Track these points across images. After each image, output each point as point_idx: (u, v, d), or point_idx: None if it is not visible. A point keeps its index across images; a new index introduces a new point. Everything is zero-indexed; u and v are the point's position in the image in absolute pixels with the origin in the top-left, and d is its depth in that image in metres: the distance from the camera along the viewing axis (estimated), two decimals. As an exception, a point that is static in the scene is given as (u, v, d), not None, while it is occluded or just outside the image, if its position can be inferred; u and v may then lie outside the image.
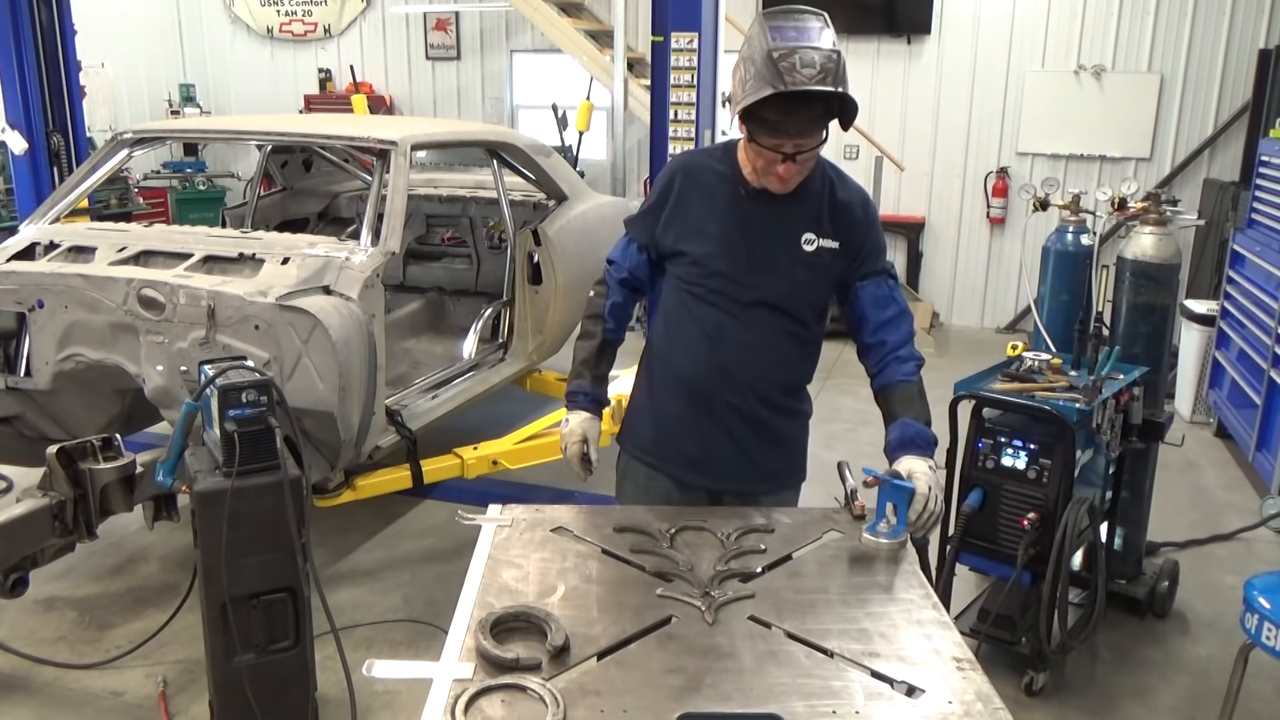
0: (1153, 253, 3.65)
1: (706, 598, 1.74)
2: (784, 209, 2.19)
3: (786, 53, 1.93)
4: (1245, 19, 7.38)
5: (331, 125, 4.85)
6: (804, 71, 1.92)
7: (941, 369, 7.01)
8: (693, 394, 2.27)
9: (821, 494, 2.19)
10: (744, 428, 2.27)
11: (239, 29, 10.12)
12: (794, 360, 2.32)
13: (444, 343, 5.25)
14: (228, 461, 2.64)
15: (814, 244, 2.21)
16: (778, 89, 1.92)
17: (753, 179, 2.18)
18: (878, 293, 2.26)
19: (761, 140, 2.05)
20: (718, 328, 2.22)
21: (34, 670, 3.29)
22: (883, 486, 1.97)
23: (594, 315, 2.40)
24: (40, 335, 3.51)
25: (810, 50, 1.94)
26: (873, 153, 7.78)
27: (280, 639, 2.79)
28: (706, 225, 2.22)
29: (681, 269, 2.27)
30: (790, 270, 2.20)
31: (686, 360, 2.27)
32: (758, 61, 1.96)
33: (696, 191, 2.25)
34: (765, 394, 2.27)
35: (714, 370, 2.23)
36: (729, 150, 2.26)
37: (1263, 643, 2.63)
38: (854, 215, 2.25)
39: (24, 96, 5.72)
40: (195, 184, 9.55)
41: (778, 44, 1.95)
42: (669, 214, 2.27)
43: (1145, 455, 3.75)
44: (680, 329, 2.28)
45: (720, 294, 2.21)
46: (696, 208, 2.24)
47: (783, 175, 2.09)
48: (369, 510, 4.24)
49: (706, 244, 2.22)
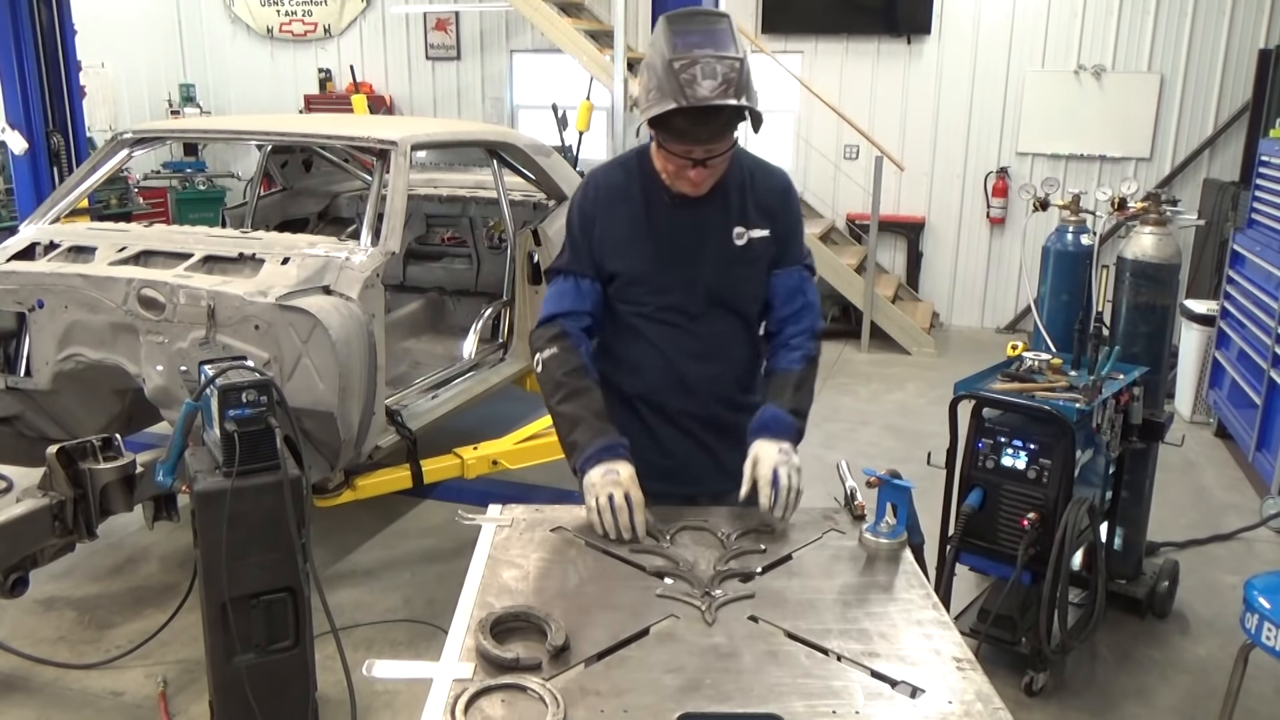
0: (1153, 253, 3.65)
1: (706, 598, 1.74)
2: (709, 208, 2.15)
3: (688, 63, 1.88)
4: (1245, 19, 7.38)
5: (331, 125, 4.85)
6: (705, 84, 1.88)
7: (941, 369, 7.03)
8: (653, 409, 2.23)
9: (821, 494, 2.19)
10: (708, 433, 2.26)
11: (239, 29, 10.12)
12: (747, 359, 2.30)
13: (444, 343, 5.26)
14: (228, 461, 2.64)
15: (744, 237, 2.17)
16: (680, 104, 1.88)
17: (668, 183, 2.12)
18: (788, 283, 2.24)
19: (671, 147, 2.01)
20: (668, 341, 2.19)
21: (34, 670, 3.30)
22: (883, 486, 1.97)
23: (576, 369, 2.14)
24: (40, 335, 3.51)
25: (712, 60, 1.89)
26: (873, 153, 7.78)
27: (280, 639, 2.79)
28: (637, 240, 2.16)
29: (619, 289, 2.20)
30: (728, 268, 2.17)
31: (640, 378, 2.23)
32: (659, 71, 1.91)
33: (619, 207, 2.18)
34: (724, 396, 2.25)
35: (671, 385, 2.21)
36: (642, 157, 2.18)
37: (1263, 643, 2.62)
38: (777, 199, 2.23)
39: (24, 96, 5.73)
40: (195, 184, 9.55)
41: (679, 53, 1.89)
42: (599, 235, 2.18)
43: (1145, 455, 3.75)
44: (627, 348, 2.23)
45: (665, 308, 2.18)
46: (623, 224, 2.17)
47: (694, 180, 2.06)
48: (369, 510, 4.24)
49: (641, 260, 2.16)
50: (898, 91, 8.29)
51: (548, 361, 2.16)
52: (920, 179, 8.35)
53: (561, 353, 2.15)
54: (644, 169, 2.17)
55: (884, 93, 8.32)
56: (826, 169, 8.56)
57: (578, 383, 2.13)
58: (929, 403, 6.25)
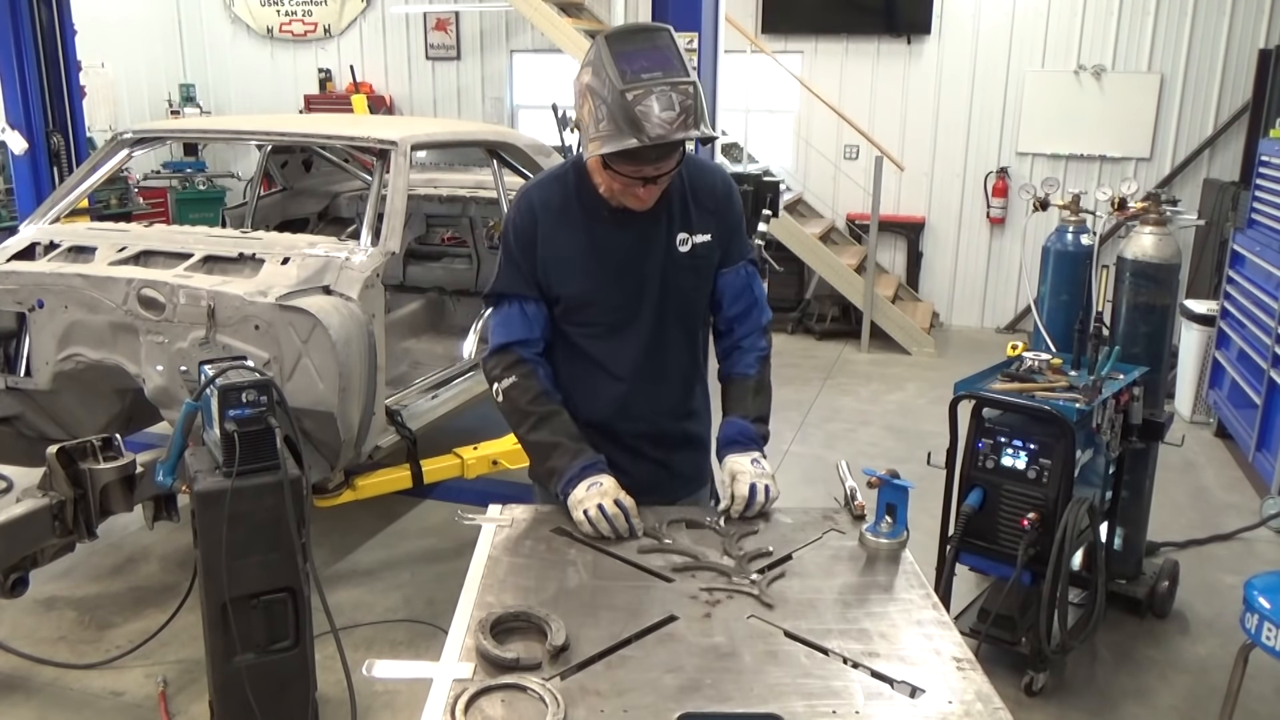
0: (1153, 253, 3.65)
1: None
2: (650, 218, 2.08)
3: (641, 94, 1.79)
4: (1245, 19, 7.38)
5: (331, 125, 4.85)
6: (663, 116, 1.80)
7: (941, 369, 7.03)
8: (604, 434, 2.16)
9: (821, 494, 2.19)
10: (659, 448, 2.23)
11: (239, 29, 10.12)
12: (694, 368, 2.26)
13: (444, 343, 5.26)
14: (228, 461, 2.64)
15: (688, 242, 2.11)
16: (641, 142, 1.81)
17: (609, 198, 2.04)
18: (736, 282, 2.21)
19: (621, 169, 1.92)
20: (617, 362, 2.14)
21: (34, 670, 3.30)
22: (883, 487, 1.97)
23: (539, 395, 2.10)
24: (40, 335, 3.51)
25: (666, 89, 1.81)
26: (873, 153, 7.78)
27: (280, 639, 2.80)
28: (583, 261, 2.08)
29: (566, 312, 2.13)
30: (675, 278, 2.11)
31: (592, 404, 2.17)
32: (609, 102, 1.81)
33: (560, 230, 2.09)
34: (671, 409, 2.23)
35: (622, 409, 2.16)
36: (579, 170, 2.08)
37: (1263, 643, 2.63)
38: (719, 201, 2.16)
39: (24, 96, 5.72)
40: (195, 184, 9.55)
41: (629, 82, 1.80)
42: (542, 256, 2.09)
43: (1145, 455, 3.75)
44: (575, 374, 2.17)
45: (614, 326, 2.12)
46: (566, 246, 2.08)
47: (642, 197, 1.99)
48: (369, 510, 4.24)
49: (589, 280, 2.09)
50: (898, 91, 8.29)
51: (508, 391, 2.12)
52: (920, 179, 8.36)
53: (522, 379, 2.11)
54: (581, 184, 2.08)
55: (884, 93, 8.32)
56: (826, 169, 8.55)
57: (544, 408, 2.10)
58: (929, 403, 6.25)
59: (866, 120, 8.20)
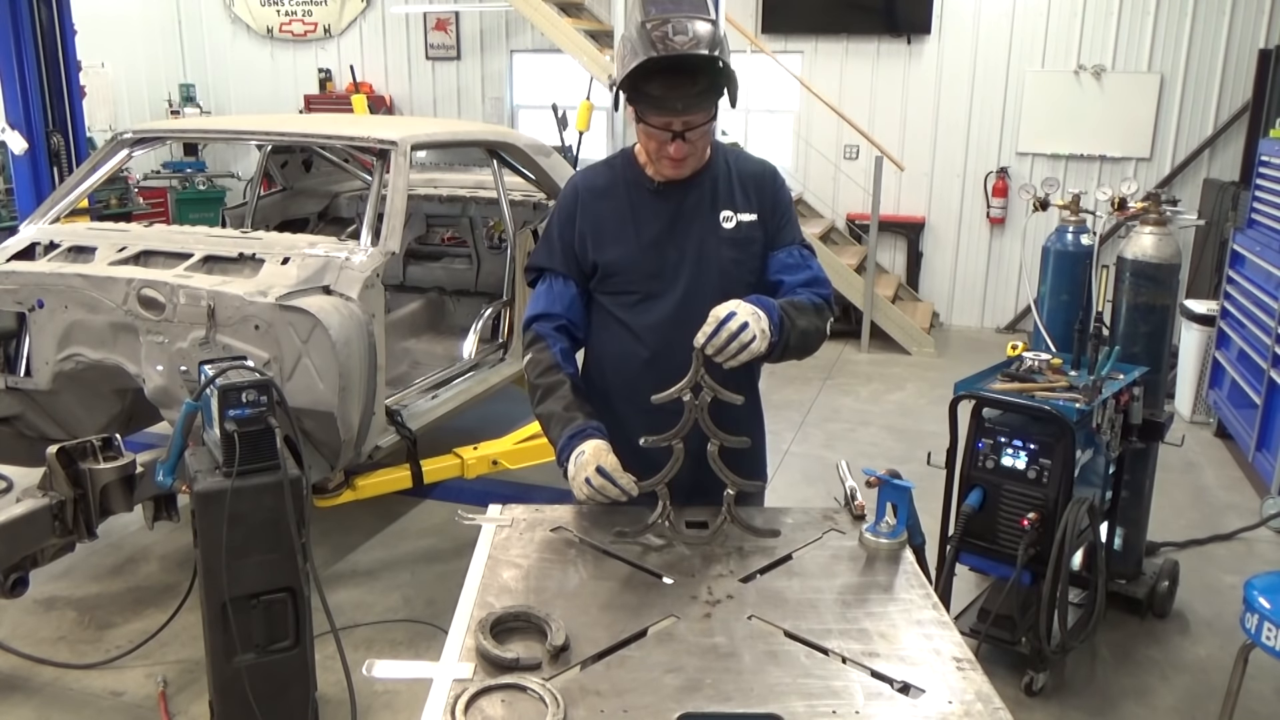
0: (1153, 253, 3.65)
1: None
2: (694, 193, 2.14)
3: (659, 21, 1.91)
4: (1245, 19, 7.38)
5: (331, 125, 4.85)
6: (677, 39, 1.89)
7: (941, 369, 7.03)
8: (635, 406, 2.09)
9: (821, 494, 2.19)
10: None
11: (239, 29, 10.13)
12: None
13: (444, 343, 5.26)
14: (228, 461, 2.65)
15: (733, 220, 2.15)
16: (652, 55, 1.89)
17: (652, 171, 2.13)
18: (789, 259, 2.19)
19: (650, 119, 2.00)
20: (657, 337, 2.13)
21: (34, 670, 3.30)
22: (883, 486, 1.97)
23: (548, 368, 2.14)
24: (40, 335, 3.51)
25: (684, 19, 1.91)
26: (873, 153, 7.78)
27: (280, 639, 2.79)
28: (621, 228, 2.15)
29: (604, 280, 2.18)
30: (717, 251, 2.14)
31: (620, 375, 2.18)
32: (633, 34, 1.93)
33: (602, 202, 2.18)
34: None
35: (649, 378, 2.06)
36: (626, 154, 2.22)
37: (1263, 643, 2.63)
38: (763, 184, 2.21)
39: (24, 96, 5.73)
40: (195, 184, 9.56)
41: (651, 15, 1.92)
42: (581, 231, 2.17)
43: (1145, 455, 3.75)
44: (607, 340, 2.20)
45: (653, 297, 2.14)
46: (607, 217, 2.17)
47: (674, 156, 2.04)
48: (369, 510, 4.24)
49: (625, 246, 2.14)
50: (898, 91, 8.29)
51: (527, 366, 2.20)
52: (920, 179, 8.35)
53: (536, 354, 2.18)
54: (628, 165, 2.19)
55: (884, 92, 8.32)
56: (826, 169, 8.55)
57: (548, 380, 2.14)
58: (929, 403, 6.25)
59: (866, 120, 8.20)
